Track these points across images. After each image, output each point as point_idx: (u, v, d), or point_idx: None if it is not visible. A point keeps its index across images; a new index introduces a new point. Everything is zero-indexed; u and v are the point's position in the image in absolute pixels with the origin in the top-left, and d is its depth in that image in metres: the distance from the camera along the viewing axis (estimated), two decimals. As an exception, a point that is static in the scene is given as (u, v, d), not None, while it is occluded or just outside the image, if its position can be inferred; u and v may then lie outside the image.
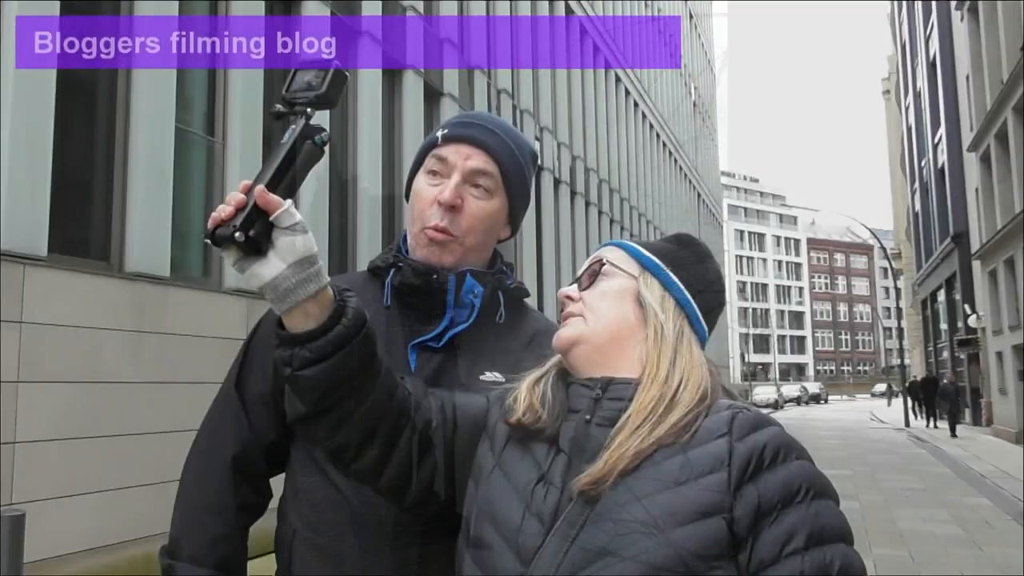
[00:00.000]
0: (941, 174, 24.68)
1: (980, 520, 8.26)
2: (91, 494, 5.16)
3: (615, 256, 1.11)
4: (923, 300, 30.58)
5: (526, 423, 1.02)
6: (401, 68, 9.74)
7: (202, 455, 1.33)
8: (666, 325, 1.04)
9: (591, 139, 17.63)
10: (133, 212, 5.72)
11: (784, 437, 0.94)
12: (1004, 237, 17.62)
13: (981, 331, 20.98)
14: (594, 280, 1.10)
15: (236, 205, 0.90)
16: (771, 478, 0.89)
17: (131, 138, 5.80)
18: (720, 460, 0.90)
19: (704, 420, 0.95)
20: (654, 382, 0.99)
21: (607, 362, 1.04)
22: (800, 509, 0.88)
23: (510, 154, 1.30)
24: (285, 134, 0.94)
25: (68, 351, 5.07)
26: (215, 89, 6.87)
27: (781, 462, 0.91)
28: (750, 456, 0.90)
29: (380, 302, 1.29)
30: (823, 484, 0.92)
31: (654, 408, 0.95)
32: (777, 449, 0.91)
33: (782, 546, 0.87)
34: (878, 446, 18.03)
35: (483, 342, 1.26)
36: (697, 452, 0.92)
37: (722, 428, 0.93)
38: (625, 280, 1.08)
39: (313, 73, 0.99)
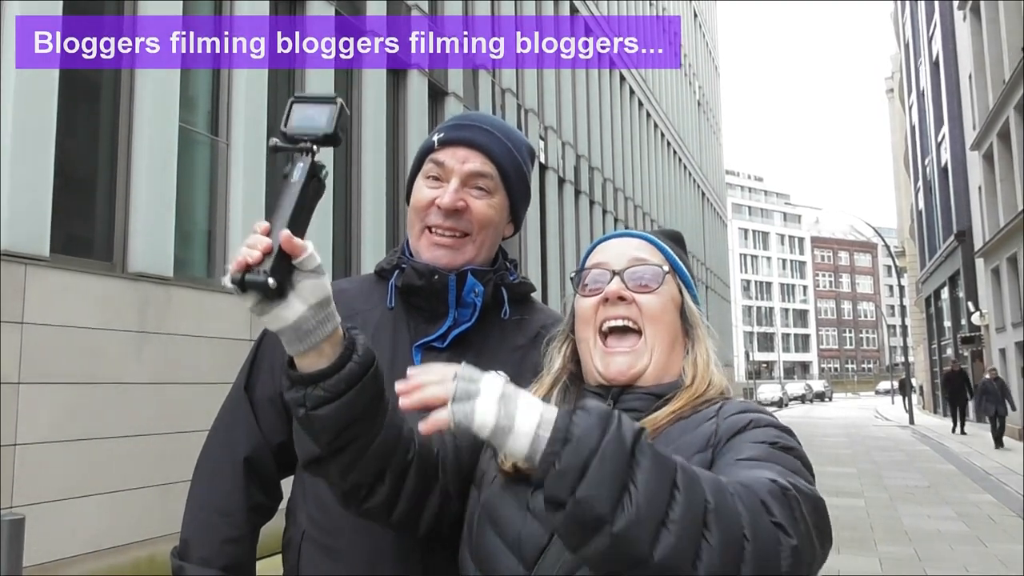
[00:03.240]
0: (944, 172, 24.65)
1: (984, 516, 8.26)
2: (93, 496, 5.16)
3: (658, 258, 1.11)
4: (927, 298, 30.53)
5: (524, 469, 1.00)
6: (406, 68, 9.73)
7: (213, 457, 1.34)
8: (706, 340, 1.10)
9: (595, 138, 17.62)
10: (136, 212, 5.72)
11: (765, 416, 0.98)
12: (1007, 235, 17.60)
13: (984, 328, 20.95)
14: (647, 283, 1.08)
15: (263, 250, 0.88)
16: (744, 436, 0.94)
17: (134, 137, 5.80)
18: (707, 439, 0.95)
19: (697, 414, 1.00)
20: (682, 396, 1.03)
21: (659, 379, 1.06)
22: (756, 445, 0.91)
23: (507, 153, 1.30)
24: (294, 172, 0.92)
25: (70, 352, 5.07)
26: (219, 89, 6.87)
27: (758, 427, 0.95)
28: (730, 428, 0.95)
29: (385, 304, 1.29)
30: (788, 443, 0.93)
31: (665, 419, 1.00)
32: (756, 421, 0.96)
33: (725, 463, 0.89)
34: (882, 443, 18.01)
35: (488, 340, 1.26)
36: (686, 439, 0.96)
37: (710, 414, 0.99)
38: (674, 289, 1.10)
39: (316, 109, 0.97)
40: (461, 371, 0.83)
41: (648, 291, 1.07)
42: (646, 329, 1.05)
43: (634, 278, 1.07)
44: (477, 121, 1.31)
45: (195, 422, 5.98)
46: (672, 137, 26.32)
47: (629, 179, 20.40)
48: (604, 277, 1.08)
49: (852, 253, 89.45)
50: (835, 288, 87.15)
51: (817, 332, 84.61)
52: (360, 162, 8.75)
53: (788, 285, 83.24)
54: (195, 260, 6.60)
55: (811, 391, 51.74)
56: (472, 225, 1.26)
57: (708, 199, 32.97)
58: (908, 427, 23.57)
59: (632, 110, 21.44)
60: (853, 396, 65.11)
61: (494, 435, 0.80)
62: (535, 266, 13.55)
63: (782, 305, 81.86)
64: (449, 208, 1.24)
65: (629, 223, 19.87)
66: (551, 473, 0.76)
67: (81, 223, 5.62)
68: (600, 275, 1.09)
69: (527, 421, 0.80)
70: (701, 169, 31.70)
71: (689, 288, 1.13)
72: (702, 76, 33.38)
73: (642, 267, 1.08)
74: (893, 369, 53.56)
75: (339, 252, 8.36)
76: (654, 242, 1.13)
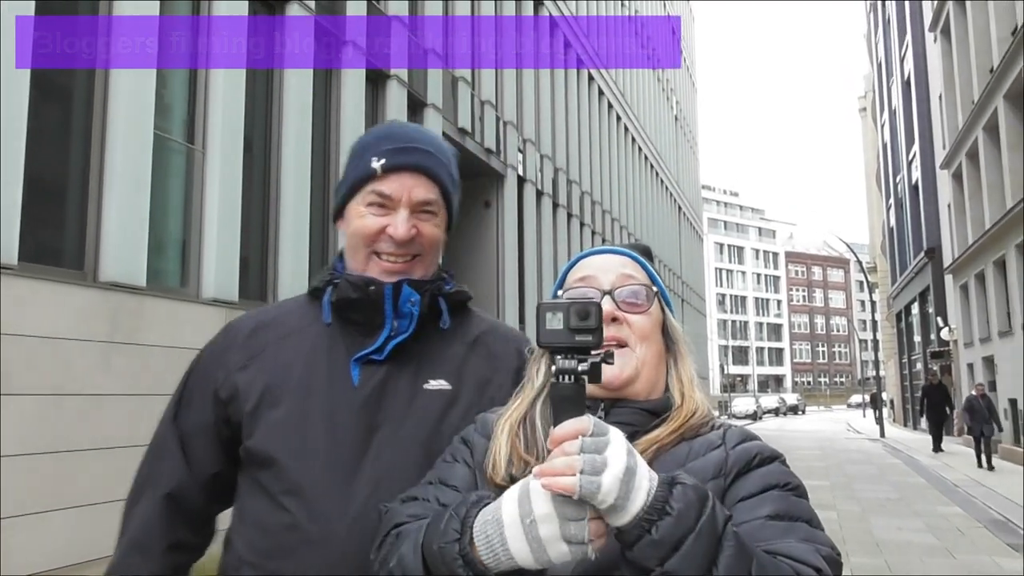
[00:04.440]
0: (915, 190, 25.11)
1: (953, 528, 8.38)
2: (62, 510, 5.04)
3: (643, 276, 1.12)
4: (897, 313, 31.00)
5: (517, 476, 1.00)
6: (385, 75, 9.73)
7: (134, 492, 1.30)
8: (688, 357, 1.12)
9: (574, 151, 17.71)
10: (109, 220, 5.63)
11: (767, 447, 1.03)
12: (975, 252, 17.95)
13: (953, 343, 21.31)
14: (639, 303, 1.09)
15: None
16: (755, 475, 0.99)
17: (108, 143, 5.72)
18: (719, 467, 0.99)
19: (699, 438, 1.04)
20: (678, 416, 1.05)
21: (649, 393, 1.07)
22: (773, 494, 0.97)
23: (445, 171, 1.30)
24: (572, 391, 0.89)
25: (38, 362, 4.96)
26: (195, 95, 6.80)
27: (767, 463, 1.01)
28: (740, 460, 1.00)
29: (321, 321, 1.28)
30: (796, 483, 1.01)
31: (668, 439, 1.02)
32: (761, 454, 1.01)
33: (750, 511, 0.95)
34: (854, 456, 18.20)
35: (427, 350, 1.26)
36: (696, 464, 0.99)
37: (716, 441, 1.02)
38: (657, 307, 1.11)
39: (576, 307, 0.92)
40: (587, 443, 0.83)
41: (639, 310, 1.08)
42: (637, 348, 1.06)
43: (625, 297, 1.08)
44: (414, 141, 1.28)
45: (166, 433, 5.89)
46: (649, 151, 26.54)
47: (607, 192, 20.53)
48: (593, 295, 1.07)
49: (825, 268, 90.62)
50: (808, 303, 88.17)
51: (791, 346, 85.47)
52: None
53: (762, 299, 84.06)
54: (169, 270, 6.51)
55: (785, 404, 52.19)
56: (423, 247, 1.27)
57: (685, 213, 33.25)
58: (879, 440, 23.85)
59: (610, 124, 21.60)
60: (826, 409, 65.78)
61: (607, 509, 0.83)
62: (512, 278, 13.57)
63: (756, 319, 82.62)
64: (404, 240, 1.24)
65: (607, 236, 19.97)
66: (644, 540, 0.81)
67: (52, 231, 5.52)
68: (589, 293, 1.08)
69: (639, 498, 0.83)
70: (678, 183, 31.99)
71: (668, 304, 1.14)
72: (679, 91, 33.73)
73: (632, 286, 1.09)
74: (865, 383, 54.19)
75: (315, 254, 8.30)
76: (636, 259, 1.13)
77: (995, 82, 15.49)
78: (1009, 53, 14.41)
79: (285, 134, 7.78)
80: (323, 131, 8.65)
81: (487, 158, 12.77)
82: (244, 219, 7.09)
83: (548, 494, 0.83)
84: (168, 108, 6.61)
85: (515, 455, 1.02)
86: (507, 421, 1.07)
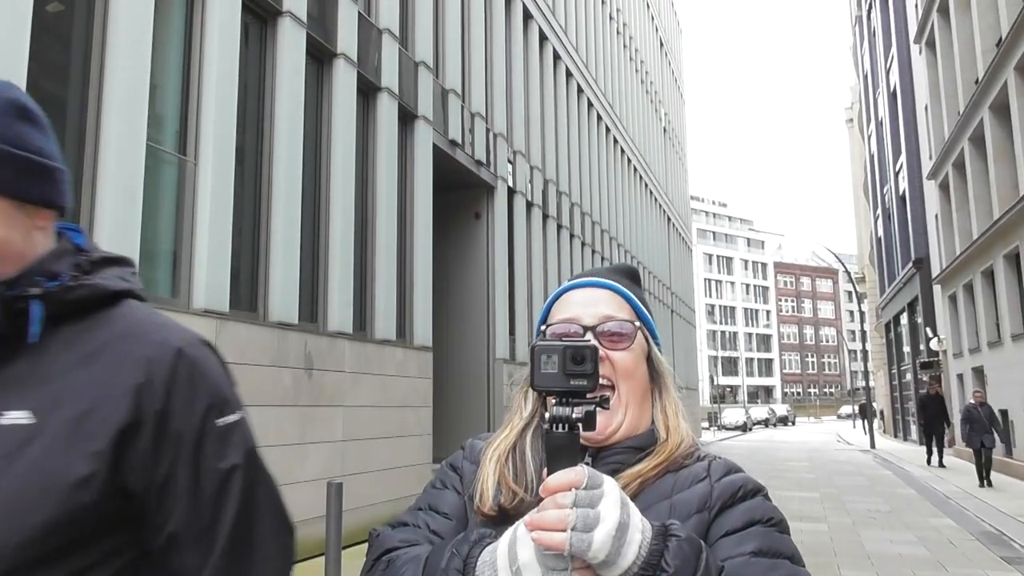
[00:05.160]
0: (902, 201, 25.30)
1: (944, 540, 8.38)
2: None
3: (627, 310, 1.11)
4: (886, 323, 31.17)
5: (506, 507, 1.00)
6: (376, 87, 9.76)
7: None
8: (672, 389, 1.13)
9: (563, 163, 17.78)
10: (101, 230, 5.61)
11: (751, 479, 1.05)
12: (963, 262, 18.07)
13: (942, 354, 21.42)
14: (621, 340, 1.08)
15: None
16: (739, 509, 1.00)
17: (100, 155, 5.71)
18: (703, 500, 1.00)
19: (684, 470, 1.04)
20: (663, 450, 1.05)
21: (632, 430, 1.07)
22: (757, 529, 0.98)
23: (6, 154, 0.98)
24: (566, 439, 0.89)
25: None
26: (188, 108, 6.80)
27: (750, 497, 1.02)
28: (725, 493, 1.01)
29: None
30: (779, 518, 1.02)
31: (652, 472, 1.03)
32: (744, 487, 1.03)
33: (733, 547, 0.95)
34: (844, 467, 18.23)
35: (10, 373, 0.96)
36: (681, 497, 1.01)
37: (701, 474, 1.03)
38: (642, 340, 1.11)
39: (571, 351, 0.91)
40: (580, 496, 0.83)
41: (622, 347, 1.07)
42: (620, 386, 1.06)
43: (607, 334, 1.07)
44: None
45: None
46: (638, 162, 26.66)
47: (596, 204, 20.59)
48: (576, 332, 1.07)
49: (814, 279, 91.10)
50: (798, 313, 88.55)
51: (780, 357, 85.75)
52: (329, 183, 8.72)
53: (752, 310, 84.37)
54: (160, 280, 6.48)
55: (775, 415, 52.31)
56: None
57: (673, 224, 33.39)
58: (869, 451, 23.91)
59: (600, 135, 21.70)
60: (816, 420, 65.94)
61: (598, 564, 0.83)
62: (503, 289, 13.57)
63: (746, 330, 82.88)
64: None
65: (596, 248, 20.02)
66: None
67: (42, 242, 5.49)
68: (571, 330, 1.07)
69: (630, 552, 0.84)
70: (667, 194, 32.13)
71: (653, 335, 1.14)
72: (668, 103, 33.94)
73: (614, 323, 1.08)
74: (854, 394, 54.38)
75: (306, 269, 8.29)
76: (620, 292, 1.12)
77: (980, 93, 15.66)
78: (993, 65, 14.59)
79: (276, 146, 7.78)
80: (314, 143, 8.65)
81: (477, 170, 12.80)
82: (235, 230, 7.07)
83: (534, 543, 0.84)
84: (161, 119, 6.61)
85: (504, 485, 1.02)
86: (495, 451, 1.07)
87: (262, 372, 7.15)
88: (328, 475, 7.70)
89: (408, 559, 0.97)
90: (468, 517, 1.05)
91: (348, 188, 8.89)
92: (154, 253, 6.39)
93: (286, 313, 7.61)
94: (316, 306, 8.44)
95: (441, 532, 1.04)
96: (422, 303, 10.61)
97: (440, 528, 1.04)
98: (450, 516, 1.05)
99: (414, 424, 9.94)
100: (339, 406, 8.34)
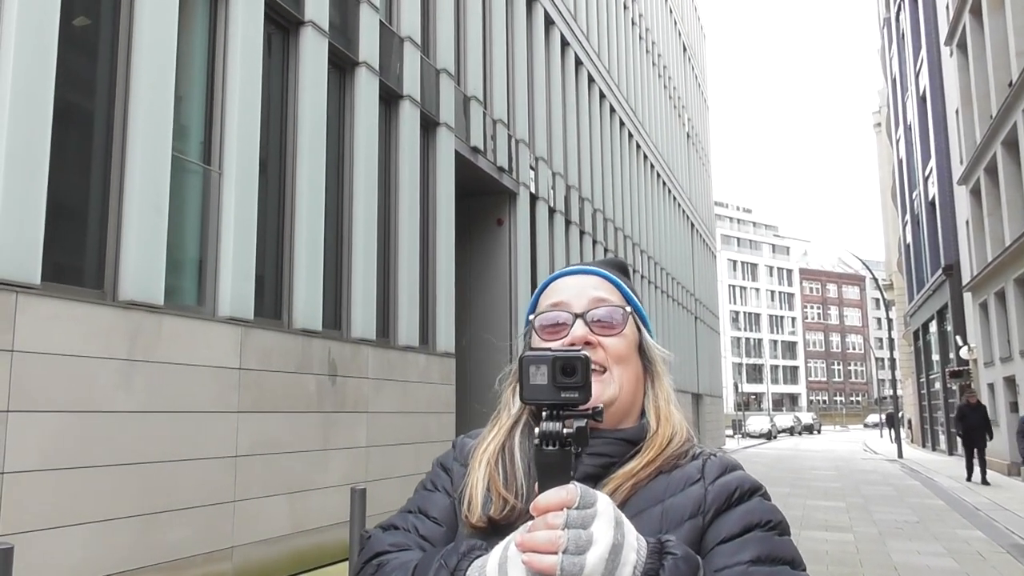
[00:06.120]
0: (932, 206, 24.91)
1: (974, 552, 8.22)
2: (79, 525, 5.08)
3: (617, 296, 1.09)
4: (915, 331, 30.68)
5: (498, 519, 0.97)
6: (398, 95, 9.82)
7: None
8: (665, 376, 1.10)
9: (586, 169, 17.76)
10: (128, 240, 5.71)
11: (748, 478, 1.01)
12: (995, 269, 17.73)
13: (973, 363, 21.02)
14: (613, 327, 1.05)
15: None
16: (735, 512, 0.96)
17: (127, 165, 5.81)
18: (697, 505, 0.97)
19: (677, 471, 1.00)
20: (654, 444, 1.02)
21: (625, 421, 1.05)
22: (755, 536, 0.94)
23: None
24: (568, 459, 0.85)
25: (59, 380, 5.03)
26: (212, 118, 6.90)
27: (747, 499, 0.98)
28: (720, 497, 0.97)
29: None
30: (778, 520, 0.98)
31: (644, 472, 0.99)
32: (741, 486, 0.99)
33: (731, 555, 0.92)
34: (871, 477, 17.96)
35: None
36: (674, 501, 0.97)
37: (694, 475, 1.00)
38: (633, 327, 1.08)
39: (561, 362, 0.87)
40: (572, 517, 0.80)
41: (613, 333, 1.04)
42: (613, 368, 1.03)
43: (598, 320, 1.04)
44: None
45: (183, 451, 5.93)
46: (661, 168, 26.55)
47: (619, 210, 20.54)
48: (566, 319, 1.04)
49: (840, 286, 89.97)
50: (823, 320, 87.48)
51: (806, 364, 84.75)
52: (352, 190, 8.79)
53: (777, 317, 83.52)
54: (186, 288, 6.57)
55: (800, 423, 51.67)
56: None
57: (697, 230, 33.18)
58: (896, 461, 23.54)
59: (622, 141, 21.64)
60: (842, 429, 65.02)
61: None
62: (525, 296, 13.56)
63: (771, 337, 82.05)
64: None
65: (620, 254, 19.95)
66: None
67: (72, 251, 5.60)
68: (561, 317, 1.05)
69: (624, 574, 0.81)
70: (690, 200, 31.95)
71: (645, 323, 1.11)
72: (691, 108, 33.78)
73: (605, 308, 1.05)
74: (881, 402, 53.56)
75: (329, 277, 8.35)
76: (610, 278, 1.10)
77: (1014, 96, 15.38)
78: (1025, 70, 14.33)
79: (300, 154, 7.86)
80: (337, 151, 8.73)
81: (499, 176, 12.83)
82: (260, 238, 7.16)
83: (523, 565, 0.81)
84: (185, 130, 6.71)
85: (494, 491, 0.99)
86: (484, 454, 1.04)
87: (286, 379, 7.22)
88: (351, 481, 7.75)
89: (397, 565, 0.95)
90: (458, 521, 1.03)
91: (371, 196, 8.95)
92: (180, 262, 6.48)
93: (310, 320, 7.67)
94: (340, 313, 8.50)
95: (430, 537, 1.02)
96: (445, 310, 10.64)
97: (429, 533, 1.02)
98: (440, 521, 1.03)
99: (437, 430, 9.96)
100: (363, 412, 8.39)
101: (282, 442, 7.06)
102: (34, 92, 5.00)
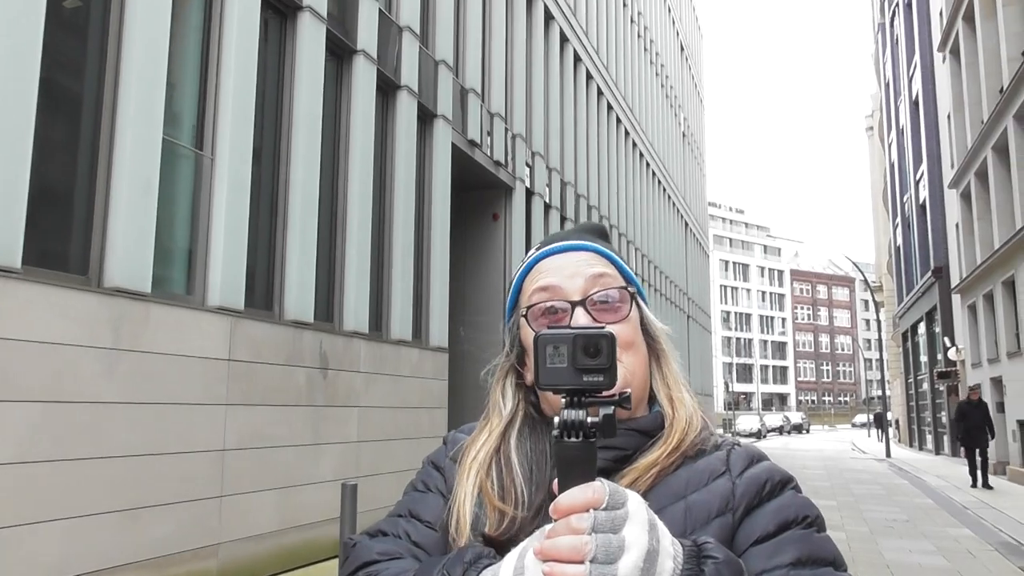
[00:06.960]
0: (922, 209, 25.03)
1: (963, 550, 8.24)
2: (58, 521, 4.94)
3: (613, 272, 0.97)
4: (904, 332, 30.84)
5: (495, 536, 0.87)
6: (395, 85, 9.72)
7: None
8: (672, 354, 1.00)
9: (582, 165, 17.70)
10: (115, 225, 5.57)
11: (778, 469, 0.93)
12: (983, 272, 17.85)
13: (960, 364, 21.15)
14: (618, 311, 0.94)
15: None
16: (768, 508, 0.88)
17: (116, 149, 5.67)
18: (725, 501, 0.88)
19: (700, 460, 0.92)
20: (674, 431, 0.93)
21: (637, 410, 0.96)
22: (793, 534, 0.87)
23: None
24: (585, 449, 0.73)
25: (39, 368, 4.89)
26: (205, 102, 6.77)
27: (779, 492, 0.90)
28: (749, 491, 0.89)
29: None
30: (815, 515, 0.91)
31: (668, 461, 0.90)
32: (771, 478, 0.91)
33: (768, 558, 0.84)
34: (860, 476, 18.02)
35: None
36: (698, 497, 0.88)
37: (719, 468, 0.91)
38: (634, 307, 0.97)
39: (582, 340, 0.75)
40: (601, 520, 0.69)
41: (618, 318, 0.92)
42: (623, 358, 0.90)
43: (599, 305, 0.93)
44: None
45: (169, 444, 5.80)
46: (657, 166, 26.53)
47: (614, 207, 20.50)
48: (562, 307, 0.92)
49: (830, 287, 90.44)
50: (813, 321, 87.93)
51: (795, 364, 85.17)
52: (347, 182, 8.68)
53: (767, 317, 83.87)
54: (174, 277, 6.44)
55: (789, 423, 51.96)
56: None
57: (691, 229, 33.20)
58: (885, 460, 23.65)
59: (618, 138, 21.60)
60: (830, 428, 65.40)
61: None
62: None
63: (761, 337, 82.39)
64: None
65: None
66: None
67: (56, 235, 5.46)
68: (556, 306, 0.93)
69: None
70: (685, 199, 31.96)
71: (642, 296, 1.00)
72: (687, 107, 33.78)
73: (603, 291, 0.93)
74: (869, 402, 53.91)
75: (322, 268, 8.24)
76: (602, 252, 0.98)
77: (1005, 102, 15.45)
78: (1019, 73, 14.37)
79: (294, 142, 7.74)
80: (332, 140, 8.62)
81: (496, 170, 12.74)
82: (252, 227, 7.03)
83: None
84: (177, 114, 6.57)
85: (488, 505, 0.89)
86: (472, 463, 0.93)
87: (277, 371, 7.11)
88: (342, 476, 7.66)
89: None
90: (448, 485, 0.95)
91: (366, 187, 8.84)
92: (169, 249, 6.35)
93: (302, 312, 7.56)
94: (332, 305, 8.39)
95: (424, 544, 0.92)
96: (439, 304, 10.55)
97: (423, 539, 0.92)
98: (433, 525, 0.93)
99: (429, 426, 9.87)
100: (354, 406, 8.29)
101: (271, 436, 6.94)
102: (18, 73, 4.86)
